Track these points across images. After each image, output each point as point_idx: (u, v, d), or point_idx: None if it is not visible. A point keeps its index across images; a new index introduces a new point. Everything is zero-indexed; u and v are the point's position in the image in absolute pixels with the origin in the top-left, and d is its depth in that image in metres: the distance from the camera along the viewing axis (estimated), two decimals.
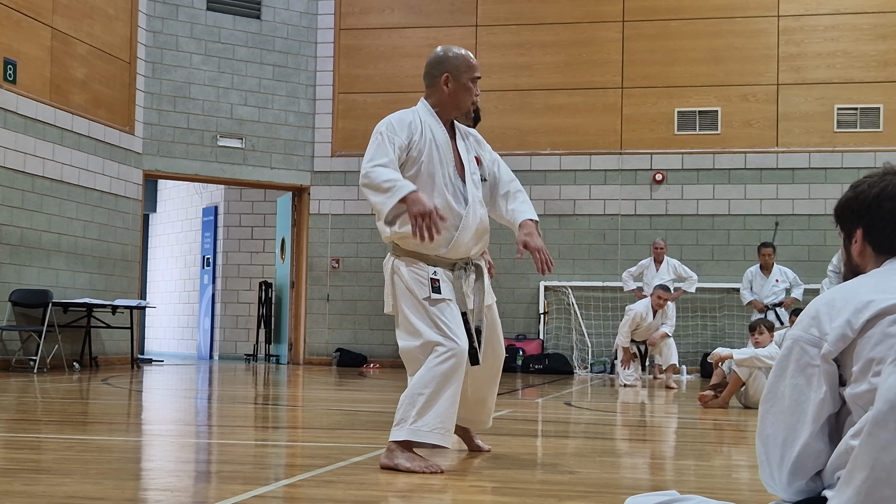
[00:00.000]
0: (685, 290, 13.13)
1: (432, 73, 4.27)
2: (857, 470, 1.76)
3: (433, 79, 4.26)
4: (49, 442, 4.95)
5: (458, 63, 4.24)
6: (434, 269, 4.10)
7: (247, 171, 15.09)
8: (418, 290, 4.06)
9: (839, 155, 14.08)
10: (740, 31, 14.44)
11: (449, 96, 4.24)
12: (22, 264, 11.87)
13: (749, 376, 7.88)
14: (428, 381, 3.93)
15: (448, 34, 15.13)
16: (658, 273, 13.03)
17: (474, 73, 4.27)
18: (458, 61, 4.24)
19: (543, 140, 14.76)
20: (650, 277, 13.04)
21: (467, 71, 4.25)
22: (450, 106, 4.26)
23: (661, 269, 13.10)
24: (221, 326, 17.64)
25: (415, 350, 4.03)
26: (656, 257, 13.18)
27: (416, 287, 4.07)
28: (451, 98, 4.24)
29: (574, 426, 6.82)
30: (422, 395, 3.91)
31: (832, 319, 1.97)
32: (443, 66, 4.25)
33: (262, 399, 8.90)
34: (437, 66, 4.27)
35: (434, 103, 4.28)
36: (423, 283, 4.07)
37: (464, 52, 4.32)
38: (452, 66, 4.24)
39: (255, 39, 15.12)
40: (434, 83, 4.26)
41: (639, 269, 13.31)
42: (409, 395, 3.96)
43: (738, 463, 4.76)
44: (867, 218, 2.13)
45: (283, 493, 3.50)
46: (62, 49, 12.55)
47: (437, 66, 4.26)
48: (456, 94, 4.24)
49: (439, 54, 4.30)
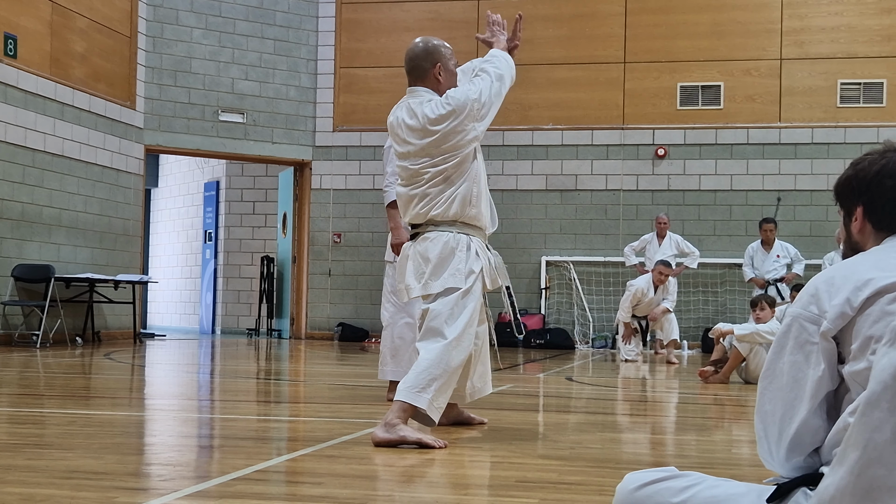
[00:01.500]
0: (687, 265, 13.13)
1: (423, 65, 4.37)
2: (850, 449, 1.77)
3: (424, 71, 4.37)
4: (52, 417, 4.97)
5: (443, 51, 4.41)
6: (488, 255, 4.31)
7: (248, 146, 15.07)
8: (486, 278, 4.26)
9: (842, 130, 14.04)
10: (743, 6, 14.36)
11: (443, 84, 4.37)
12: (23, 239, 11.87)
13: (750, 352, 7.90)
14: (454, 364, 4.09)
15: (449, 8, 15.07)
16: (661, 248, 13.03)
17: (453, 55, 4.46)
18: (444, 49, 4.42)
19: (545, 115, 14.72)
20: (652, 252, 13.04)
21: (451, 57, 4.44)
22: (443, 93, 4.36)
23: (663, 243, 13.09)
24: (223, 301, 17.67)
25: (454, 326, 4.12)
26: (659, 232, 13.17)
27: (485, 272, 4.26)
28: (445, 85, 4.37)
29: (575, 401, 6.85)
30: (445, 373, 4.07)
31: (831, 297, 1.98)
32: (432, 56, 4.38)
33: (264, 374, 8.93)
34: (426, 58, 4.37)
35: None
36: (486, 272, 4.27)
37: (438, 39, 4.51)
38: (441, 54, 4.39)
39: (255, 13, 15.05)
40: (426, 75, 4.37)
41: (641, 244, 13.30)
42: (432, 366, 4.04)
43: (739, 438, 4.78)
44: (867, 195, 2.12)
45: (284, 468, 3.52)
46: (62, 23, 12.50)
47: (427, 59, 4.37)
48: (448, 80, 4.39)
49: (425, 46, 4.41)
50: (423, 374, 4.03)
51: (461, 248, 4.22)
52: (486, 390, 4.61)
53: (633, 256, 13.35)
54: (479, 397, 4.61)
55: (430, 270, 4.20)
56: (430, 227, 4.28)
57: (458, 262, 4.20)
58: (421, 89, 4.36)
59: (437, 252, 4.21)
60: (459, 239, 4.23)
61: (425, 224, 4.30)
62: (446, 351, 4.06)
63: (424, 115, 4.23)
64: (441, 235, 4.24)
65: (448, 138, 4.20)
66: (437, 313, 4.14)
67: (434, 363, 4.04)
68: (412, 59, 4.38)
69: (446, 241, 4.23)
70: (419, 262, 4.26)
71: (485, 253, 4.30)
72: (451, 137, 4.20)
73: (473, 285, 4.20)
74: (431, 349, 4.09)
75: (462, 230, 4.26)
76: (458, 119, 4.20)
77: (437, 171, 4.23)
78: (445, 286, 4.18)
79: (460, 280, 4.19)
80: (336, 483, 3.17)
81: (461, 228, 4.26)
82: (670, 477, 2.13)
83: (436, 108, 4.22)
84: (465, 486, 3.32)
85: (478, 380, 4.52)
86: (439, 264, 4.21)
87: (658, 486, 2.12)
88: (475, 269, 4.21)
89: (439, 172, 4.23)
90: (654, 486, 2.12)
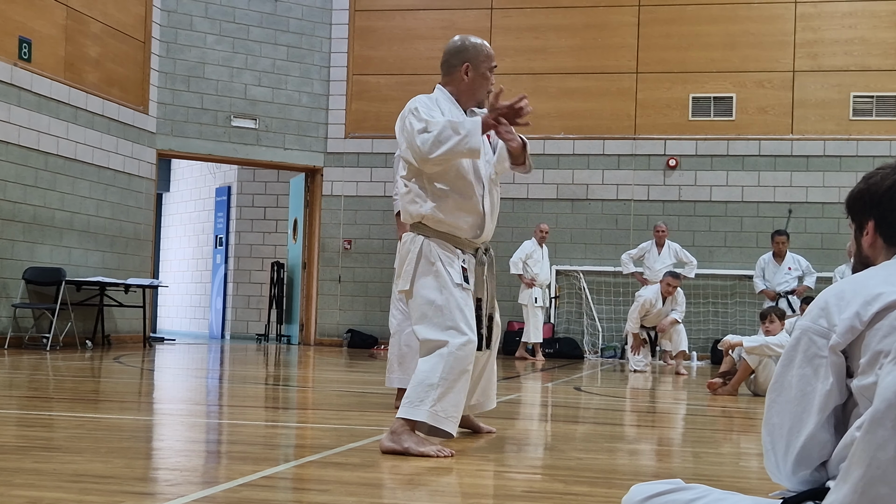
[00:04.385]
0: (685, 275, 13.10)
1: (451, 61, 4.29)
2: (853, 467, 1.76)
3: (452, 67, 4.28)
4: (60, 420, 4.98)
5: (477, 52, 4.27)
6: (464, 257, 4.14)
7: (260, 152, 15.11)
8: (453, 274, 4.06)
9: (854, 143, 14.00)
10: (757, 17, 14.35)
11: (467, 85, 4.28)
12: (35, 242, 11.92)
13: (759, 364, 7.87)
14: (448, 369, 3.95)
15: (462, 16, 15.09)
16: (659, 257, 13.02)
17: (492, 62, 4.31)
18: (478, 51, 4.27)
19: (557, 124, 14.72)
20: (651, 261, 13.04)
21: (486, 61, 4.29)
22: (467, 94, 4.29)
23: (662, 252, 13.08)
24: (233, 306, 17.71)
25: (433, 332, 4.00)
26: (658, 240, 13.16)
27: (449, 270, 4.06)
28: (468, 87, 4.28)
29: (583, 411, 6.83)
30: (443, 381, 3.93)
31: (841, 311, 1.97)
32: (463, 55, 4.27)
33: (273, 380, 8.94)
34: (456, 54, 4.28)
35: (452, 91, 4.30)
36: (454, 269, 4.08)
37: (481, 41, 4.34)
38: (472, 55, 4.27)
39: (269, 20, 15.11)
40: (453, 72, 4.28)
41: (639, 252, 13.30)
42: (426, 378, 3.96)
43: (747, 451, 4.76)
44: (879, 210, 2.12)
45: (291, 474, 3.52)
46: (76, 27, 12.56)
47: (457, 55, 4.28)
48: (474, 83, 4.27)
49: (458, 43, 4.30)
50: (418, 386, 3.98)
51: (413, 251, 4.12)
52: (488, 405, 4.57)
53: (630, 264, 13.32)
54: (480, 411, 4.59)
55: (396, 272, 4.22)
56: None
57: (408, 266, 4.13)
58: (439, 86, 4.32)
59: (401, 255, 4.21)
60: (418, 241, 4.13)
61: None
62: (442, 357, 3.98)
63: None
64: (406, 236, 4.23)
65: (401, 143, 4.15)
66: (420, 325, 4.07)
67: (429, 371, 3.97)
68: (445, 53, 4.33)
69: (405, 242, 4.21)
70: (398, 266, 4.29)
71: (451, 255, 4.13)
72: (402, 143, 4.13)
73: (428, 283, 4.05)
74: (423, 361, 4.04)
75: (424, 232, 4.15)
76: (398, 127, 4.16)
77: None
78: (401, 288, 4.18)
79: (405, 282, 4.11)
80: (342, 490, 3.17)
81: (423, 230, 4.16)
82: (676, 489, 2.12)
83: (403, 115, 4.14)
84: (470, 495, 3.32)
85: (480, 394, 4.49)
86: (399, 266, 4.22)
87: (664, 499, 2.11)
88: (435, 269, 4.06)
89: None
90: (659, 498, 2.12)
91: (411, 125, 4.03)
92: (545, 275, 13.59)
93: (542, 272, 13.49)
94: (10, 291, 11.55)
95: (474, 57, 4.27)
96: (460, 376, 4.00)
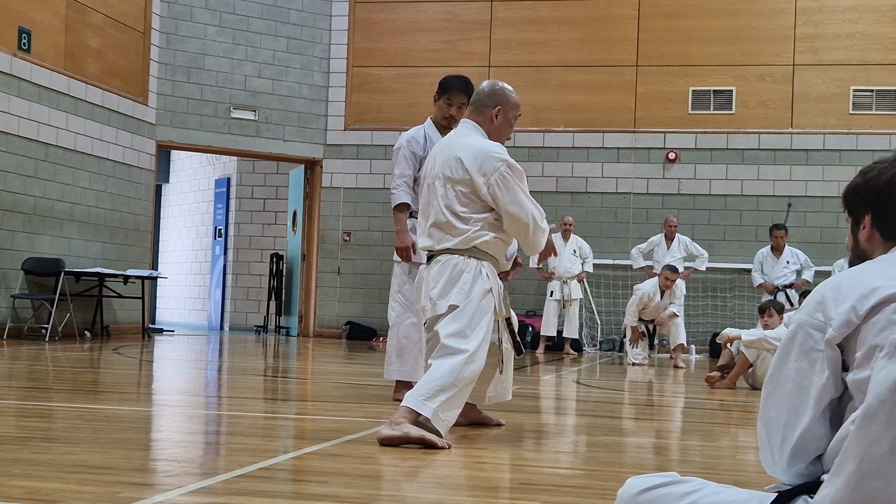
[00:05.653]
0: (696, 268, 13.13)
1: (485, 101, 4.49)
2: (846, 461, 1.77)
3: (484, 107, 4.49)
4: (59, 410, 4.99)
5: (507, 99, 4.50)
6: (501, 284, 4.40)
7: (260, 143, 15.10)
8: (494, 299, 4.28)
9: (854, 137, 14.00)
10: (758, 11, 14.34)
11: (496, 128, 4.49)
12: (34, 233, 11.92)
13: (757, 358, 7.88)
14: (461, 378, 4.09)
15: (464, 9, 15.07)
16: (669, 251, 13.02)
17: (518, 111, 4.55)
18: (508, 98, 4.50)
19: (557, 117, 14.71)
20: (661, 255, 13.03)
21: (514, 109, 4.53)
22: (493, 135, 4.49)
23: (672, 246, 13.08)
24: (232, 298, 17.71)
25: (460, 340, 4.14)
26: (668, 234, 13.16)
27: (495, 297, 4.29)
28: (497, 129, 4.49)
29: (581, 404, 6.85)
30: (453, 388, 4.07)
31: (837, 305, 1.98)
32: (495, 98, 4.49)
33: (272, 371, 8.95)
34: (491, 96, 4.49)
35: (484, 130, 4.49)
36: (497, 298, 4.31)
37: (511, 88, 4.58)
38: (503, 100, 4.49)
39: (269, 11, 15.08)
40: (484, 111, 4.49)
41: (649, 246, 13.29)
42: (442, 380, 4.05)
43: (744, 444, 4.77)
44: (876, 204, 2.12)
45: (290, 466, 3.53)
46: (77, 18, 12.55)
47: (491, 97, 4.49)
48: (502, 126, 4.50)
49: (493, 87, 4.52)
50: (431, 383, 4.07)
51: (469, 271, 4.28)
52: (505, 396, 4.68)
53: (640, 259, 13.33)
54: (497, 402, 4.70)
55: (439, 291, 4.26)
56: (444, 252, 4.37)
57: (461, 284, 4.25)
58: (471, 123, 4.48)
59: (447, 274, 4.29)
60: (475, 264, 4.30)
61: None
62: (459, 365, 4.10)
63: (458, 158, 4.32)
64: (451, 259, 4.32)
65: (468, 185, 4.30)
66: (450, 332, 4.17)
67: (445, 374, 4.08)
68: (478, 93, 4.53)
69: (460, 262, 4.31)
70: (429, 284, 4.33)
71: (495, 278, 4.37)
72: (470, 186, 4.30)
73: (483, 302, 4.23)
74: (444, 362, 4.13)
75: (478, 256, 4.33)
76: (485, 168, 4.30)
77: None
78: (450, 304, 4.24)
79: (453, 298, 4.23)
80: (341, 482, 3.18)
81: (475, 253, 4.33)
82: (672, 483, 2.13)
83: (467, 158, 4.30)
84: (468, 487, 3.33)
85: (499, 385, 4.59)
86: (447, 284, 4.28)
87: (659, 492, 2.12)
88: (486, 288, 4.25)
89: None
90: (655, 491, 2.13)
91: (528, 200, 4.32)
92: (563, 268, 13.48)
93: (560, 265, 13.39)
94: (9, 282, 11.55)
95: (505, 102, 4.48)
96: (466, 388, 4.15)
